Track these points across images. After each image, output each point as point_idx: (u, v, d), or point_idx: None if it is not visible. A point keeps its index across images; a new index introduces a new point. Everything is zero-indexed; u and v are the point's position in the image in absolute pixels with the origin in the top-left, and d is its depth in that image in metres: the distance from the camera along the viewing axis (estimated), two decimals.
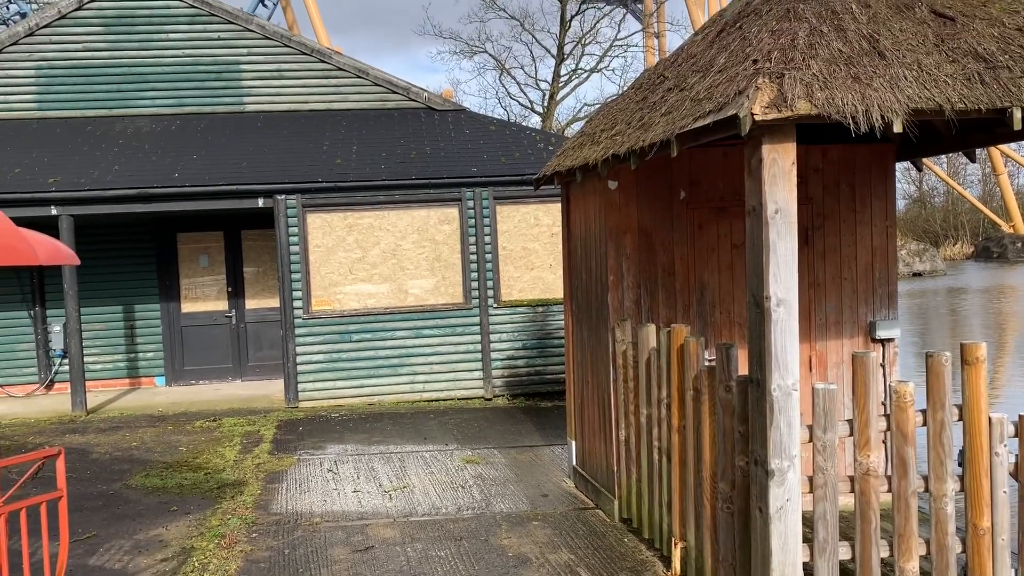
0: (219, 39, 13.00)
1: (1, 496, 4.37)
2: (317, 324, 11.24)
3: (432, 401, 11.37)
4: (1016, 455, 4.36)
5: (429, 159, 11.72)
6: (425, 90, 13.66)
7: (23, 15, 24.14)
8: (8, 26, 19.56)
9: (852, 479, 4.27)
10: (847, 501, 4.39)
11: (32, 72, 12.73)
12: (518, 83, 32.71)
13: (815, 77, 3.89)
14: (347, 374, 11.29)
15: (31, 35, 12.67)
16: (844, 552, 4.26)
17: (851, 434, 4.25)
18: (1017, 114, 3.97)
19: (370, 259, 11.34)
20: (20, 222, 4.52)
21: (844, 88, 3.88)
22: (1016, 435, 4.35)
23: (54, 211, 10.85)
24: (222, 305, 13.07)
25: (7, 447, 9.13)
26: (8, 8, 25.38)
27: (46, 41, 12.70)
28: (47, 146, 11.95)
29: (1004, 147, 40.85)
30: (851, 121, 3.82)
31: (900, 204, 58.37)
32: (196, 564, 5.74)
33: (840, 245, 6.41)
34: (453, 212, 11.45)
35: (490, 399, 11.45)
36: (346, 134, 12.50)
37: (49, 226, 10.50)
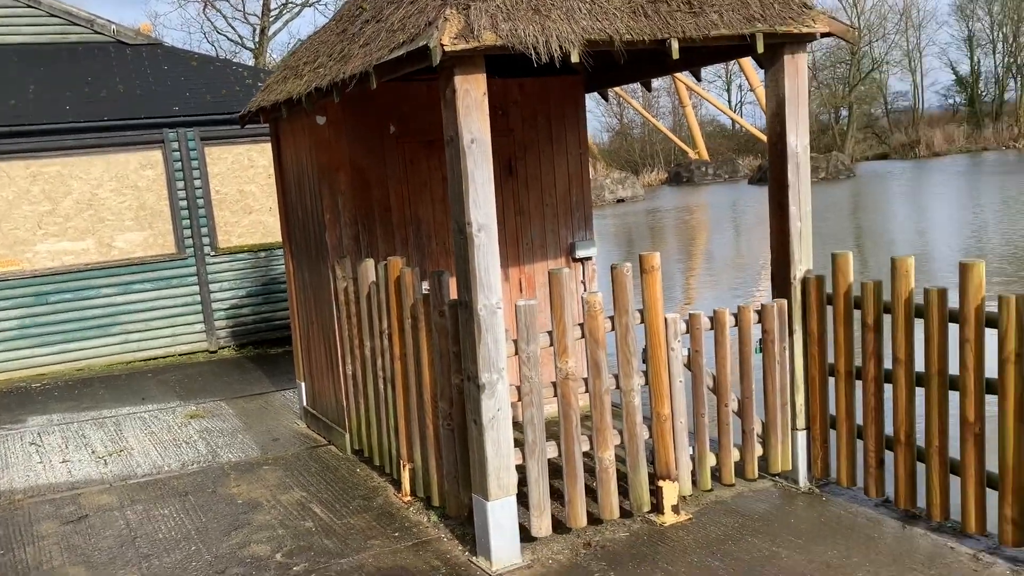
0: None
1: None
2: (4, 288, 10.05)
3: (151, 360, 10.68)
4: (689, 349, 5.00)
5: (123, 98, 10.76)
6: (112, 22, 12.41)
7: None
8: None
9: (555, 385, 4.67)
10: (554, 408, 4.79)
11: None
12: (225, 17, 30.76)
13: (499, 9, 4.06)
14: (46, 339, 10.25)
15: None
16: (551, 451, 4.67)
17: (551, 344, 4.62)
18: (675, 44, 4.44)
19: (62, 211, 10.28)
20: None
21: (526, 19, 4.09)
22: (687, 332, 4.98)
23: None
24: None
25: None
26: None
27: None
28: None
29: (687, 80, 45.17)
30: (532, 51, 4.05)
31: (604, 137, 62.79)
32: None
33: (540, 174, 6.83)
34: (156, 155, 10.65)
35: (215, 351, 10.98)
36: (20, 72, 11.08)
37: None
